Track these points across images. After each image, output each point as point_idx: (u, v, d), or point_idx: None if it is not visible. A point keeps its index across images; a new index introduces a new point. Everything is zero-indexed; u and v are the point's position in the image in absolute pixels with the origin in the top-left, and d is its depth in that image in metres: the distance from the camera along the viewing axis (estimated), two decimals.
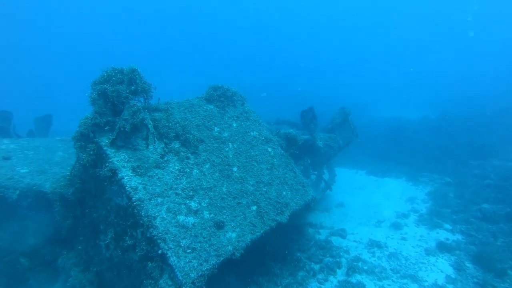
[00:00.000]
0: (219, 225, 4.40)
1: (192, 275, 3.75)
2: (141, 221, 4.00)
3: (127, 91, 4.46)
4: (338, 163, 12.03)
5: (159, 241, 3.87)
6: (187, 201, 4.44)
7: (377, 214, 8.38)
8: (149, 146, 4.55)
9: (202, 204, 4.54)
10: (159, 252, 3.85)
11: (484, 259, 5.89)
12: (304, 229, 7.49)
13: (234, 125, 6.08)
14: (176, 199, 4.38)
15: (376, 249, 6.66)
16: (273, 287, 5.53)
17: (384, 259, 6.29)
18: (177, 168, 4.74)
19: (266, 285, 5.51)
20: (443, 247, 6.52)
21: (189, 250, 3.94)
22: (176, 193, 4.44)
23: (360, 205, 9.09)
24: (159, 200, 4.22)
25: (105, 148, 4.35)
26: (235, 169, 5.33)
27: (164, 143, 4.88)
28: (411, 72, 37.70)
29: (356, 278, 5.72)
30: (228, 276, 5.31)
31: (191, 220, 4.26)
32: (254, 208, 4.97)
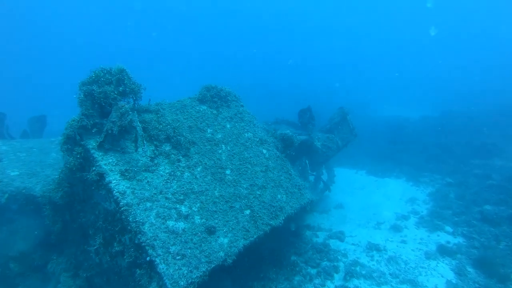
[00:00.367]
0: (211, 230, 4.26)
1: (182, 283, 3.62)
2: (129, 227, 3.87)
3: (115, 92, 4.32)
4: (338, 163, 11.87)
5: (148, 248, 3.74)
6: (178, 206, 4.30)
7: (377, 216, 8.21)
8: (138, 149, 4.40)
9: (193, 209, 4.40)
10: (148, 259, 3.72)
11: (486, 264, 5.72)
12: (301, 232, 7.34)
13: (228, 126, 5.91)
14: (166, 204, 4.23)
15: (375, 253, 6.50)
16: None
17: (383, 263, 6.13)
18: (168, 172, 4.59)
19: None
20: (444, 251, 6.34)
21: (179, 257, 3.81)
22: (166, 198, 4.30)
23: (360, 206, 8.92)
24: (148, 205, 4.08)
25: (93, 151, 4.22)
26: (228, 172, 5.18)
27: (155, 146, 4.73)
28: (408, 73, 37.19)
29: (354, 283, 5.56)
30: (224, 281, 5.18)
31: (181, 226, 4.12)
32: (248, 212, 4.81)
